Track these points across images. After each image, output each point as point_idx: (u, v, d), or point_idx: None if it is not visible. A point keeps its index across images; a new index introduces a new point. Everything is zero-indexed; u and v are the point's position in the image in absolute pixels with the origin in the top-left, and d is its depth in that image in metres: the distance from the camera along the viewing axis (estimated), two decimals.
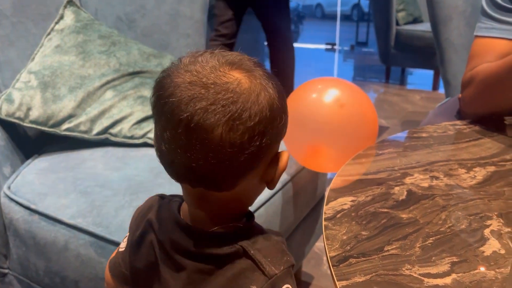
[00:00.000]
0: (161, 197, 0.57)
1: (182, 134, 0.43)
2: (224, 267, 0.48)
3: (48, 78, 1.10)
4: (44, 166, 1.01)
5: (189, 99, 0.43)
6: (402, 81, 4.27)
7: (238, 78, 0.45)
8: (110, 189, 0.88)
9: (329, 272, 1.52)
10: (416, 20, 4.03)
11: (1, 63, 1.11)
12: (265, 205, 0.90)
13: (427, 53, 3.71)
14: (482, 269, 0.50)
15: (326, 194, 0.70)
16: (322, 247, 1.58)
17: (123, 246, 0.60)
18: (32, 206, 0.86)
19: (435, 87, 3.87)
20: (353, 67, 5.20)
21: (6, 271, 0.96)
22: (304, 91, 1.00)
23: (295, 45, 2.82)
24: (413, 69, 4.62)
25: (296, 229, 1.11)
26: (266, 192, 0.93)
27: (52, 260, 0.83)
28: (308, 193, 1.12)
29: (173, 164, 0.46)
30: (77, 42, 1.19)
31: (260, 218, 0.86)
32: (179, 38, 1.45)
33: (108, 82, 1.16)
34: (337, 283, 0.49)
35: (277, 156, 0.50)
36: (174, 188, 0.87)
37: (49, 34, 1.20)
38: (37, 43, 1.20)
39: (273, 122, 0.46)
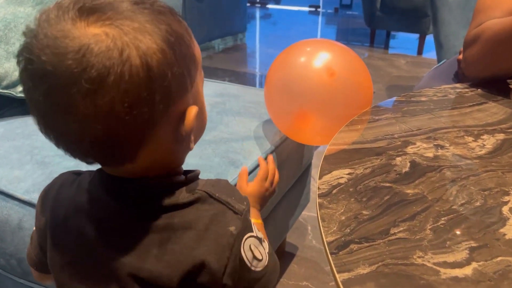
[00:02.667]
0: (76, 173, 0.50)
1: (46, 117, 0.37)
2: (188, 220, 0.44)
3: (1, 32, 0.96)
4: None
5: (39, 77, 0.35)
6: (387, 45, 4.17)
7: (96, 35, 0.35)
8: (72, 160, 0.77)
9: (314, 242, 1.46)
10: None
11: None
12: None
13: (413, 16, 3.61)
14: (506, 256, 0.43)
15: (319, 166, 0.61)
16: (307, 217, 1.52)
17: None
18: None
19: (420, 51, 3.78)
20: (337, 30, 5.06)
21: None
22: (291, 54, 0.89)
23: (277, 7, 2.75)
24: (396, 33, 4.52)
25: (281, 201, 1.03)
26: (248, 164, 0.84)
27: (6, 241, 0.73)
28: (294, 163, 1.03)
29: (57, 143, 0.40)
30: None
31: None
32: None
33: None
34: (337, 276, 0.41)
35: (184, 113, 0.43)
36: None
37: None
38: None
39: (154, 83, 0.37)
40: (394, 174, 0.58)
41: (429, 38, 3.91)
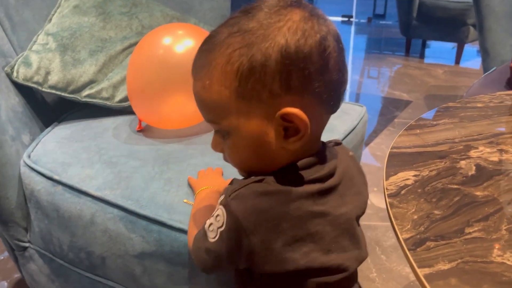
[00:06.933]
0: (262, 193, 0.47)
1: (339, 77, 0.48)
2: None
3: (67, 41, 1.02)
4: (65, 135, 0.95)
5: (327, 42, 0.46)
6: (422, 55, 4.12)
7: None
8: (137, 160, 0.82)
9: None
10: None
11: (16, 24, 1.03)
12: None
13: (451, 25, 3.56)
14: None
15: (384, 169, 0.62)
16: None
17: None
18: (55, 177, 0.80)
19: (457, 60, 3.72)
20: (370, 39, 5.03)
21: (27, 244, 0.91)
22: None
23: None
24: (431, 42, 4.45)
25: None
26: None
27: (77, 235, 0.77)
28: None
29: (340, 92, 0.49)
30: (96, 3, 1.11)
31: None
32: (202, 0, 1.36)
33: (130, 46, 1.08)
34: (417, 270, 0.42)
35: None
36: (206, 159, 0.81)
37: None
38: (54, 3, 1.12)
39: None
40: (461, 176, 0.59)
41: (467, 47, 3.84)
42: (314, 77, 0.45)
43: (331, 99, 0.48)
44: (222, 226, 0.47)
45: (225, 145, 0.51)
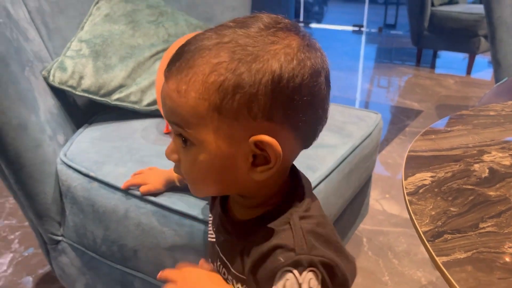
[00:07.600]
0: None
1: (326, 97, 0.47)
2: None
3: (99, 47, 1.08)
4: (96, 135, 1.00)
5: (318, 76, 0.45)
6: (433, 65, 4.15)
7: None
8: (167, 159, 0.86)
9: (370, 253, 1.49)
10: (451, 1, 3.90)
11: (52, 31, 1.10)
12: (324, 181, 0.88)
13: (462, 36, 3.60)
14: None
15: (403, 171, 0.67)
16: (362, 229, 1.55)
17: None
18: (91, 174, 0.85)
19: (469, 71, 3.75)
20: (381, 49, 5.08)
21: (60, 238, 0.96)
22: None
23: (321, 26, 2.82)
24: (442, 53, 4.49)
25: (345, 210, 1.09)
26: (323, 170, 0.90)
27: (111, 228, 0.82)
28: (361, 172, 1.09)
29: (318, 129, 0.48)
30: (126, 11, 1.17)
31: (319, 194, 0.84)
32: (224, 10, 1.42)
33: (157, 53, 1.14)
34: (436, 258, 0.47)
35: None
36: None
37: (97, 2, 1.18)
38: (86, 12, 1.18)
39: None
40: (475, 178, 0.63)
41: (478, 58, 3.87)
42: (299, 110, 0.43)
43: (308, 134, 0.47)
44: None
45: (183, 155, 0.47)
